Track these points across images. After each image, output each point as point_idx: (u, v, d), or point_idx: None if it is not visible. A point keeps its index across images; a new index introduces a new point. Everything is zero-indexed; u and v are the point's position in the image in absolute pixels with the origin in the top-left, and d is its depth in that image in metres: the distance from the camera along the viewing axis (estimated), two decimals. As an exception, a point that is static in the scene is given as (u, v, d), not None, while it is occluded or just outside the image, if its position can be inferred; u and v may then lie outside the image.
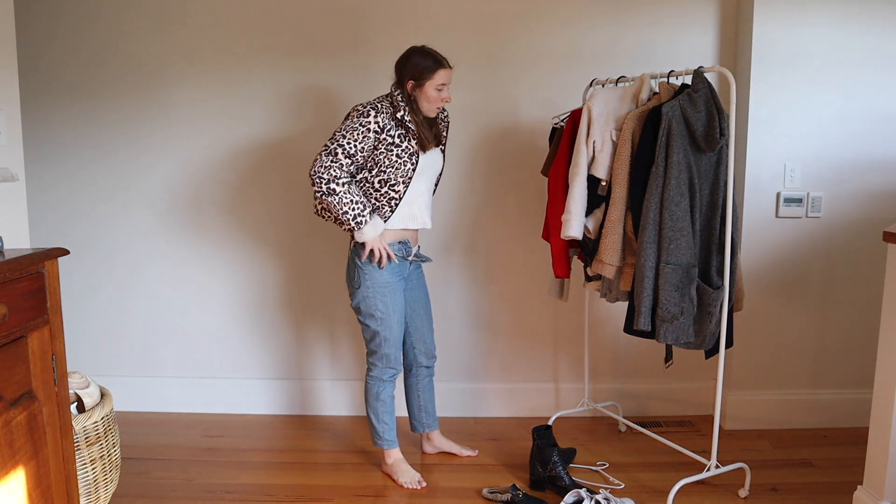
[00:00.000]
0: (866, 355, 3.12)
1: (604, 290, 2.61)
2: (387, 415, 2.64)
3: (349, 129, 2.36)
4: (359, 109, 2.39)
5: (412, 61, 2.41)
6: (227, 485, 2.62)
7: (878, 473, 2.19)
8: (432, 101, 2.44)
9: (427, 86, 2.41)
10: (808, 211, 3.00)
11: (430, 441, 2.86)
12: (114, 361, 3.33)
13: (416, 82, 2.41)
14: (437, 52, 2.45)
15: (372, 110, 2.37)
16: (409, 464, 2.68)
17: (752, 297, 3.05)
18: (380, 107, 2.40)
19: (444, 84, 2.43)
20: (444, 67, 2.42)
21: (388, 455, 2.66)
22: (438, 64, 2.41)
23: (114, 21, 3.09)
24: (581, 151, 2.47)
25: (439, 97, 2.44)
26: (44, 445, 1.75)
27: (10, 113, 2.22)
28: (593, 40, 3.06)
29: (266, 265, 3.25)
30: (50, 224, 3.24)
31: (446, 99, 2.46)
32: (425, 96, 2.43)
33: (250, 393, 3.32)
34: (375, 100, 2.44)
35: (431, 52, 2.44)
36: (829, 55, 2.91)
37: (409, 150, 2.43)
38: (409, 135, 2.43)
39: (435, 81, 2.41)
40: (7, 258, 1.64)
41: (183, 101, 3.13)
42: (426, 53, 2.43)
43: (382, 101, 2.43)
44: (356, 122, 2.36)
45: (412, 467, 2.67)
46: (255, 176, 3.18)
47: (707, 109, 2.28)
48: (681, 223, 2.29)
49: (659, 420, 3.24)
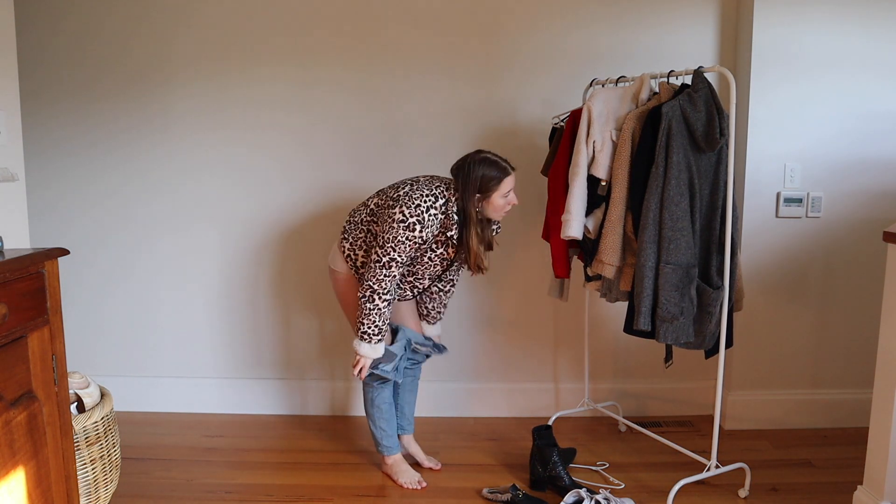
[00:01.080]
0: (866, 355, 3.12)
1: (604, 290, 2.61)
2: (383, 420, 2.63)
3: (398, 242, 2.30)
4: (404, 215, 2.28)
5: (476, 174, 2.32)
6: (227, 485, 2.62)
7: (878, 473, 2.19)
8: (499, 210, 2.38)
9: (494, 196, 2.35)
10: (808, 211, 3.00)
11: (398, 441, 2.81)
12: (114, 361, 3.33)
13: (482, 195, 2.34)
14: (500, 159, 2.37)
15: (417, 224, 2.28)
16: (408, 464, 2.68)
17: (752, 297, 3.05)
18: (426, 220, 2.29)
19: (510, 190, 2.37)
20: (509, 175, 2.35)
21: (388, 457, 2.66)
22: (504, 172, 2.34)
23: (114, 21, 3.08)
24: (581, 151, 2.47)
25: (507, 202, 2.38)
26: (44, 445, 1.75)
27: (11, 113, 2.22)
28: (593, 40, 3.06)
29: (266, 265, 3.25)
30: (50, 224, 3.24)
31: (512, 202, 2.39)
32: (492, 207, 2.37)
33: (250, 393, 3.32)
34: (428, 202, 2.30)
35: (495, 161, 2.35)
36: (830, 55, 2.91)
37: (444, 255, 2.45)
38: (448, 243, 2.41)
39: (502, 191, 2.35)
40: (7, 258, 1.64)
41: (182, 101, 3.13)
42: (491, 163, 2.34)
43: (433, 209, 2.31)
44: (404, 235, 2.29)
45: (412, 467, 2.67)
46: (254, 176, 3.18)
47: (707, 109, 2.28)
48: (681, 223, 2.29)
49: (659, 420, 3.24)
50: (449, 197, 2.36)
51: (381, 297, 2.36)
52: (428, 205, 2.31)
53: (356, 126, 3.13)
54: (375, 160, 3.15)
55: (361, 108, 3.12)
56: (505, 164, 2.37)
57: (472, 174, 2.33)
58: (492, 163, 2.35)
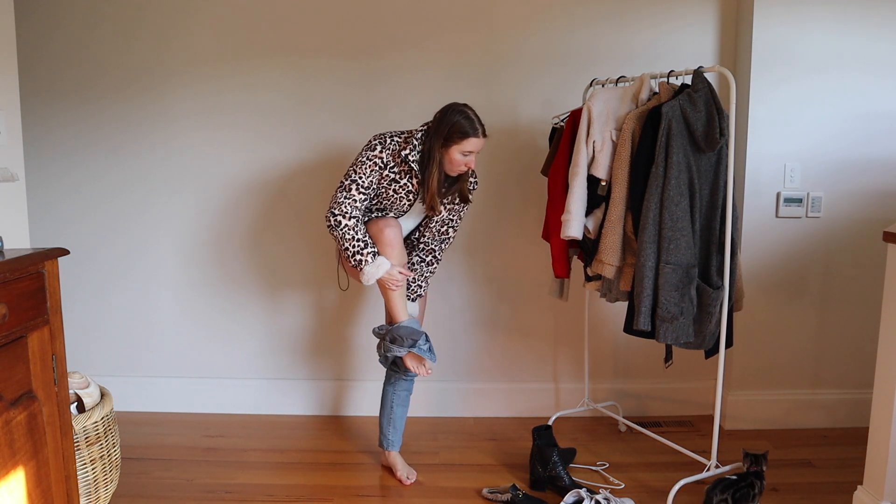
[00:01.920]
0: (866, 355, 3.12)
1: (604, 290, 2.61)
2: (398, 419, 2.69)
3: (359, 162, 2.39)
4: (370, 142, 2.40)
5: (448, 119, 2.35)
6: (227, 485, 2.62)
7: (878, 473, 2.19)
8: (454, 164, 2.40)
9: (453, 149, 2.36)
10: (808, 211, 3.00)
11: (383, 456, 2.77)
12: (114, 361, 3.33)
13: (445, 143, 2.36)
14: (477, 119, 2.38)
15: (378, 144, 2.39)
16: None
17: (752, 297, 3.05)
18: (387, 142, 2.40)
19: (470, 151, 2.37)
20: (476, 136, 2.35)
21: (390, 452, 2.70)
22: (473, 131, 2.35)
23: (115, 22, 3.09)
24: (581, 151, 2.47)
25: (462, 161, 2.39)
26: (44, 445, 1.75)
27: (11, 113, 2.22)
28: (593, 40, 3.06)
29: (265, 264, 3.24)
30: (50, 224, 3.24)
31: (469, 164, 2.40)
32: (449, 158, 2.39)
33: (250, 393, 3.32)
34: (390, 133, 2.43)
35: (471, 119, 2.36)
36: (830, 55, 2.91)
37: (408, 187, 2.44)
38: (410, 174, 2.41)
39: (463, 147, 2.35)
40: (7, 258, 1.64)
41: (182, 101, 3.13)
42: (466, 118, 2.35)
43: (395, 136, 2.42)
44: (364, 156, 2.39)
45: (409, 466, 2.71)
46: (254, 176, 3.18)
47: (707, 109, 2.28)
48: (681, 223, 2.29)
49: (659, 420, 3.24)
50: (414, 135, 2.41)
51: (347, 216, 2.36)
52: (392, 134, 2.43)
53: (356, 125, 3.13)
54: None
55: (361, 107, 3.12)
56: (479, 125, 2.37)
57: (445, 119, 2.36)
58: (467, 118, 2.36)
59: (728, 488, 2.31)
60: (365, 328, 3.26)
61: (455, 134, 2.34)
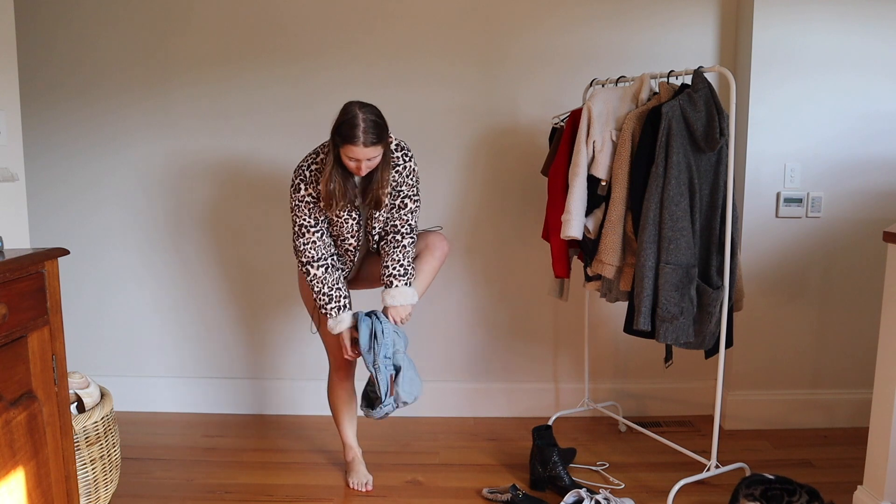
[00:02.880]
0: (866, 355, 3.12)
1: (604, 290, 2.61)
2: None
3: (295, 207, 2.30)
4: (293, 180, 2.29)
5: (337, 119, 2.19)
6: (227, 485, 2.62)
7: (878, 473, 2.19)
8: (348, 167, 2.22)
9: (341, 151, 2.18)
10: (808, 211, 3.01)
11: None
12: (114, 361, 3.33)
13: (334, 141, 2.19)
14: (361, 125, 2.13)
15: (301, 183, 2.27)
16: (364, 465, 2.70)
17: (752, 297, 3.05)
18: (306, 175, 2.27)
19: (356, 159, 2.17)
20: (353, 144, 2.13)
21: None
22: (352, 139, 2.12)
23: (115, 22, 3.09)
24: (581, 151, 2.47)
25: (351, 166, 2.20)
26: (44, 445, 1.75)
27: (11, 113, 2.22)
28: (593, 40, 3.06)
29: (264, 266, 3.24)
30: (50, 224, 3.24)
31: (356, 171, 2.20)
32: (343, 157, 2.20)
33: (250, 393, 3.32)
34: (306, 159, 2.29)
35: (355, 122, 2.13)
36: (830, 55, 2.91)
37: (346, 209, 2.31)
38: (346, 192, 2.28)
39: (345, 153, 2.17)
40: (7, 258, 1.64)
41: (184, 103, 3.13)
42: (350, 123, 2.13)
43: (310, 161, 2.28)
44: (294, 200, 2.29)
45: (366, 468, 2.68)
46: (257, 177, 3.18)
47: (707, 109, 2.28)
48: (681, 223, 2.29)
49: (659, 420, 3.24)
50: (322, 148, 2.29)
51: (314, 265, 2.32)
52: (308, 163, 2.29)
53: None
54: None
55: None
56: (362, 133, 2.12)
57: (338, 117, 2.19)
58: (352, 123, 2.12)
59: (759, 484, 2.19)
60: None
61: (337, 136, 2.17)
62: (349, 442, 2.68)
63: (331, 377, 2.62)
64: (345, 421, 2.66)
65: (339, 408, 2.64)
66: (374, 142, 2.15)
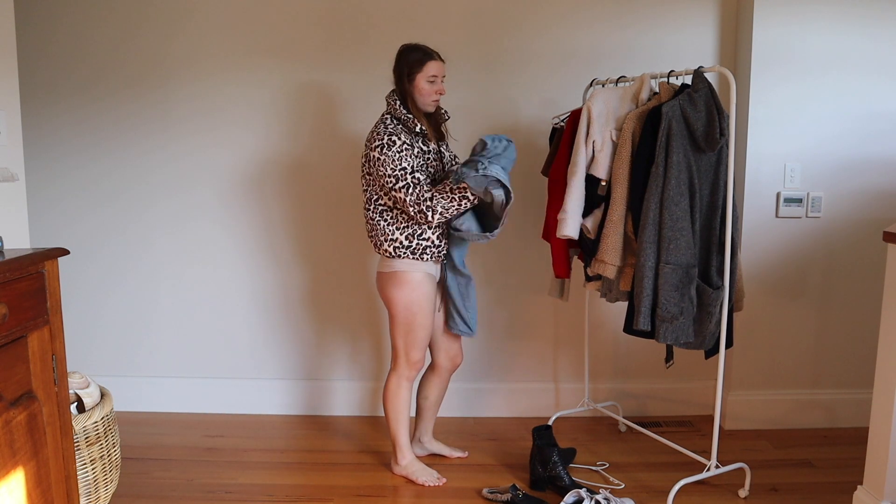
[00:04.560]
0: (866, 355, 3.12)
1: (604, 290, 2.61)
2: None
3: (393, 161, 2.34)
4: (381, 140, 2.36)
5: (402, 59, 2.44)
6: (227, 485, 2.62)
7: (878, 473, 2.19)
8: (425, 95, 2.43)
9: (418, 79, 2.41)
10: (808, 211, 3.01)
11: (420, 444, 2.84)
12: (113, 361, 3.33)
13: (408, 77, 2.42)
14: (427, 46, 2.46)
15: (393, 137, 2.36)
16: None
17: (752, 297, 3.05)
18: (391, 129, 2.38)
19: (435, 76, 2.43)
20: (433, 59, 2.43)
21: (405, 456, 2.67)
22: (428, 56, 2.42)
23: (115, 21, 3.08)
24: (580, 151, 2.47)
25: (432, 90, 2.44)
26: (44, 445, 1.74)
27: (11, 113, 2.22)
28: (593, 40, 3.06)
29: (264, 264, 3.24)
30: (50, 224, 3.24)
31: (440, 91, 2.46)
32: (418, 90, 2.42)
33: (250, 393, 3.32)
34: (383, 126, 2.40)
35: (420, 46, 2.45)
36: (830, 55, 2.91)
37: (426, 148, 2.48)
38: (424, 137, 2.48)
39: (425, 73, 2.41)
40: (7, 258, 1.64)
41: (183, 101, 3.13)
42: (415, 47, 2.44)
43: (389, 122, 2.41)
44: (392, 155, 2.34)
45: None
46: (254, 175, 3.18)
47: (707, 109, 2.28)
48: (680, 223, 2.29)
49: (659, 420, 3.24)
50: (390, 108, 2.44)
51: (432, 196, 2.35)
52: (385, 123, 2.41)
53: (355, 124, 3.13)
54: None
55: (360, 106, 3.12)
56: (432, 50, 2.44)
57: (401, 59, 2.43)
58: (416, 47, 2.44)
59: None
60: (366, 328, 3.27)
61: (415, 64, 2.40)
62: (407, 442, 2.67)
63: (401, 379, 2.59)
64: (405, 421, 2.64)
65: (402, 410, 2.62)
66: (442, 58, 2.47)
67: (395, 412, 2.61)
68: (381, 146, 2.35)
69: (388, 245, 2.44)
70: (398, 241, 2.43)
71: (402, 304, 2.49)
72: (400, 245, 2.44)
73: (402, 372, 2.58)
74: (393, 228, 2.44)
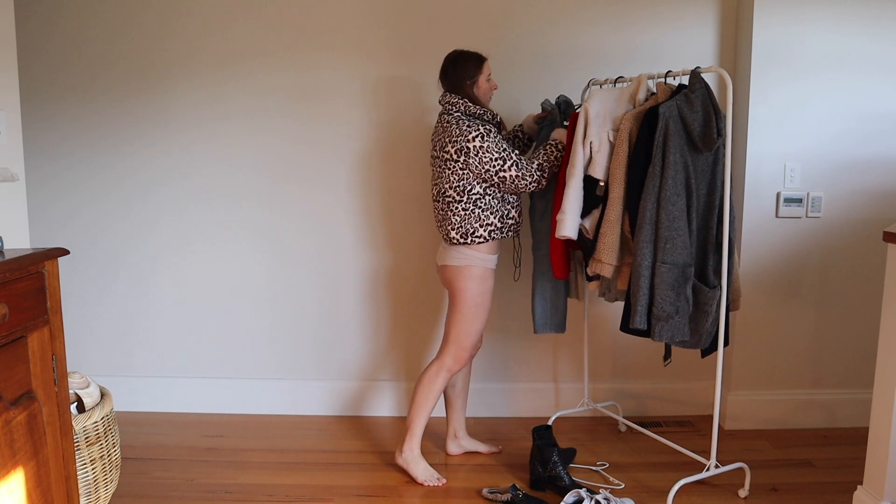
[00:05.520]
0: (866, 355, 3.12)
1: (603, 290, 2.62)
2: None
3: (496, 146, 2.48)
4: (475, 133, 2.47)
5: (461, 66, 2.58)
6: (227, 485, 2.62)
7: (878, 473, 2.19)
8: (486, 92, 2.63)
9: (480, 80, 2.59)
10: (808, 211, 3.00)
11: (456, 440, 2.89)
12: (113, 361, 3.34)
13: (471, 80, 2.58)
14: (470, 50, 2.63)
15: (482, 128, 2.49)
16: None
17: (751, 296, 3.05)
18: (477, 124, 2.50)
19: (489, 74, 2.63)
20: (486, 60, 2.63)
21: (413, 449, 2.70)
22: (481, 59, 2.61)
23: (112, 20, 3.09)
24: (577, 152, 2.47)
25: (490, 86, 2.64)
26: (44, 445, 1.75)
27: (11, 113, 2.22)
28: (592, 40, 3.06)
29: (263, 264, 3.25)
30: (50, 223, 3.25)
31: (494, 86, 2.66)
32: (481, 91, 2.61)
33: (250, 393, 3.32)
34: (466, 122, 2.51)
35: (469, 52, 2.62)
36: (829, 55, 2.91)
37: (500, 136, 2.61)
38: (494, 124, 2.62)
39: (485, 74, 2.60)
40: (7, 258, 1.64)
41: (180, 98, 3.13)
42: (467, 54, 2.60)
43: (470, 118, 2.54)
44: (492, 141, 2.48)
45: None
46: (251, 174, 3.18)
47: (704, 110, 2.28)
48: (677, 223, 2.29)
49: (659, 420, 3.24)
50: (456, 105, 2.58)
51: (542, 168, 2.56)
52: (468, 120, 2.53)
53: (354, 124, 3.13)
54: (374, 158, 3.15)
55: (360, 105, 3.12)
56: (478, 53, 2.63)
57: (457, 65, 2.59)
58: (467, 53, 2.61)
59: None
60: (367, 328, 3.27)
61: (475, 69, 2.59)
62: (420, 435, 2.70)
63: (442, 370, 2.63)
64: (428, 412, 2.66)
65: (431, 400, 2.65)
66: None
67: (424, 399, 2.63)
68: (480, 136, 2.48)
69: (484, 230, 2.55)
70: (493, 225, 2.56)
71: (471, 296, 2.60)
72: (494, 228, 2.57)
73: (447, 362, 2.63)
74: (488, 213, 2.55)
